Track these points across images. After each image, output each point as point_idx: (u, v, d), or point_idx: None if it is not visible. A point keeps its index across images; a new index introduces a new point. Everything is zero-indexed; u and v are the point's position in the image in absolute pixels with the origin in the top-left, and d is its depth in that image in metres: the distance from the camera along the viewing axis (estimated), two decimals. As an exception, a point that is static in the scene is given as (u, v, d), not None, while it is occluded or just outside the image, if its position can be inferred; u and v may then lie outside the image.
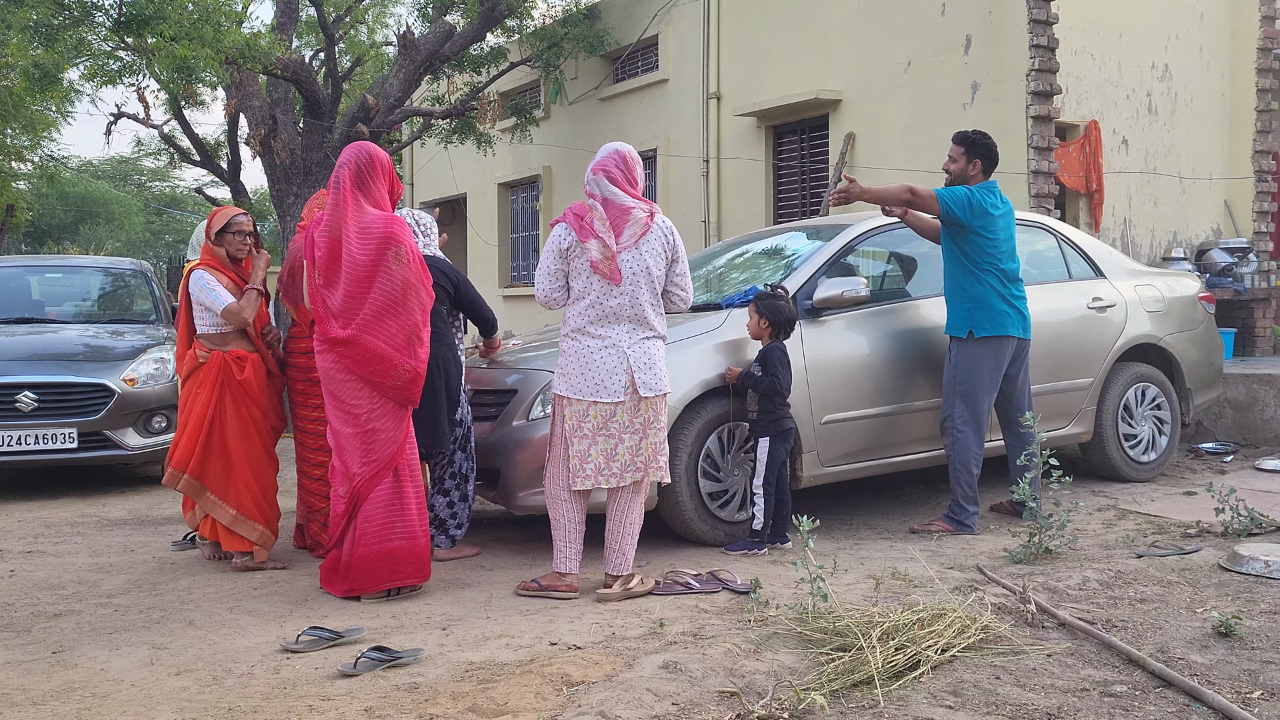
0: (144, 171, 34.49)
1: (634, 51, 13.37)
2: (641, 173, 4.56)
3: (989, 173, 5.60)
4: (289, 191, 11.56)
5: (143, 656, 3.73)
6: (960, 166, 5.59)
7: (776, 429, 5.08)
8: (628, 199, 4.40)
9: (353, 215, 4.42)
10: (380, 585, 4.41)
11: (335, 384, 4.45)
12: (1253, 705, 3.01)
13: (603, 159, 4.47)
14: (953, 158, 5.64)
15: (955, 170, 5.61)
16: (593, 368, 4.36)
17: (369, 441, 4.40)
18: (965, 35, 9.17)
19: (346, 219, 4.41)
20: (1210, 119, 10.07)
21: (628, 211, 4.38)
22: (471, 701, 3.17)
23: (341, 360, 4.41)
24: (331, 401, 4.50)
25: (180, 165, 19.15)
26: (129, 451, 7.34)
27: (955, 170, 5.61)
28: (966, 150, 5.58)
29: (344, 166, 4.51)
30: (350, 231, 4.40)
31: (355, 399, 4.41)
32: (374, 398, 4.40)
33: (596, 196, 4.41)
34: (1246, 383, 8.00)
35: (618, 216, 4.38)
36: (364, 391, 4.40)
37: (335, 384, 4.45)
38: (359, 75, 17.10)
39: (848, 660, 3.35)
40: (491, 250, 16.32)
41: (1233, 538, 5.05)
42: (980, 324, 5.44)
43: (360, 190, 4.47)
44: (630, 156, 4.50)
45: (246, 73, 10.90)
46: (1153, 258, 9.49)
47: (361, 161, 4.52)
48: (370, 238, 4.39)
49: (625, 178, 4.44)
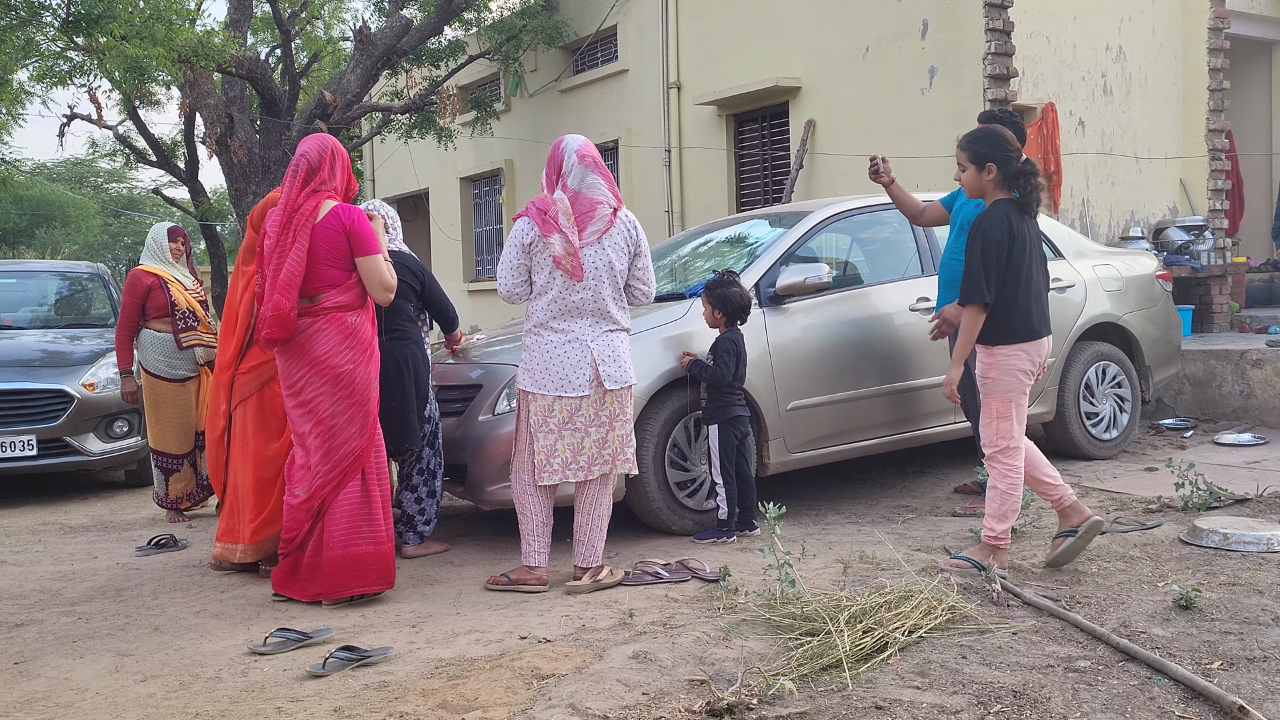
0: (100, 173, 33.95)
1: (593, 42, 13.33)
2: None
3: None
4: (247, 190, 11.45)
5: (107, 664, 3.69)
6: None
7: (724, 416, 5.10)
8: (602, 193, 4.38)
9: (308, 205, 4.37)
10: (345, 591, 4.32)
11: (292, 376, 4.38)
12: (1212, 675, 3.06)
13: (582, 148, 4.43)
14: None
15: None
16: (556, 362, 4.35)
17: (331, 440, 4.33)
18: (922, 20, 9.21)
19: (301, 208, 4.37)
20: (1164, 99, 10.18)
21: (595, 206, 4.36)
22: (441, 698, 3.17)
23: (287, 354, 4.37)
24: (289, 396, 4.42)
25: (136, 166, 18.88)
26: (90, 457, 7.25)
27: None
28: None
29: (303, 157, 4.44)
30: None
31: (312, 392, 4.34)
32: (332, 393, 4.32)
33: (568, 188, 4.37)
34: (1204, 359, 8.11)
35: (585, 211, 4.35)
36: (323, 388, 4.33)
37: (292, 376, 4.38)
38: (316, 71, 16.92)
39: (816, 645, 3.37)
40: (455, 245, 16.24)
41: (1192, 512, 5.13)
42: None
43: (311, 180, 4.41)
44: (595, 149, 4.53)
45: (201, 71, 10.76)
46: (1111, 237, 9.59)
47: (324, 153, 4.46)
48: (327, 229, 4.34)
49: (604, 168, 4.46)
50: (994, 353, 4.23)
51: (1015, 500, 4.24)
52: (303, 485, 4.37)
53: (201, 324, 6.37)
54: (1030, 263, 4.22)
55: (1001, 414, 4.21)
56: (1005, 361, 4.20)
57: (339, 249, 4.35)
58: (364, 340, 4.39)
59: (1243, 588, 3.90)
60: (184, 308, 6.31)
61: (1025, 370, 4.21)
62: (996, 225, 4.15)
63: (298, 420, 4.40)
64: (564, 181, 4.39)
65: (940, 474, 6.55)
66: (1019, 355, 4.20)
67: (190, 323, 6.31)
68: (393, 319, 5.04)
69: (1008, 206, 4.22)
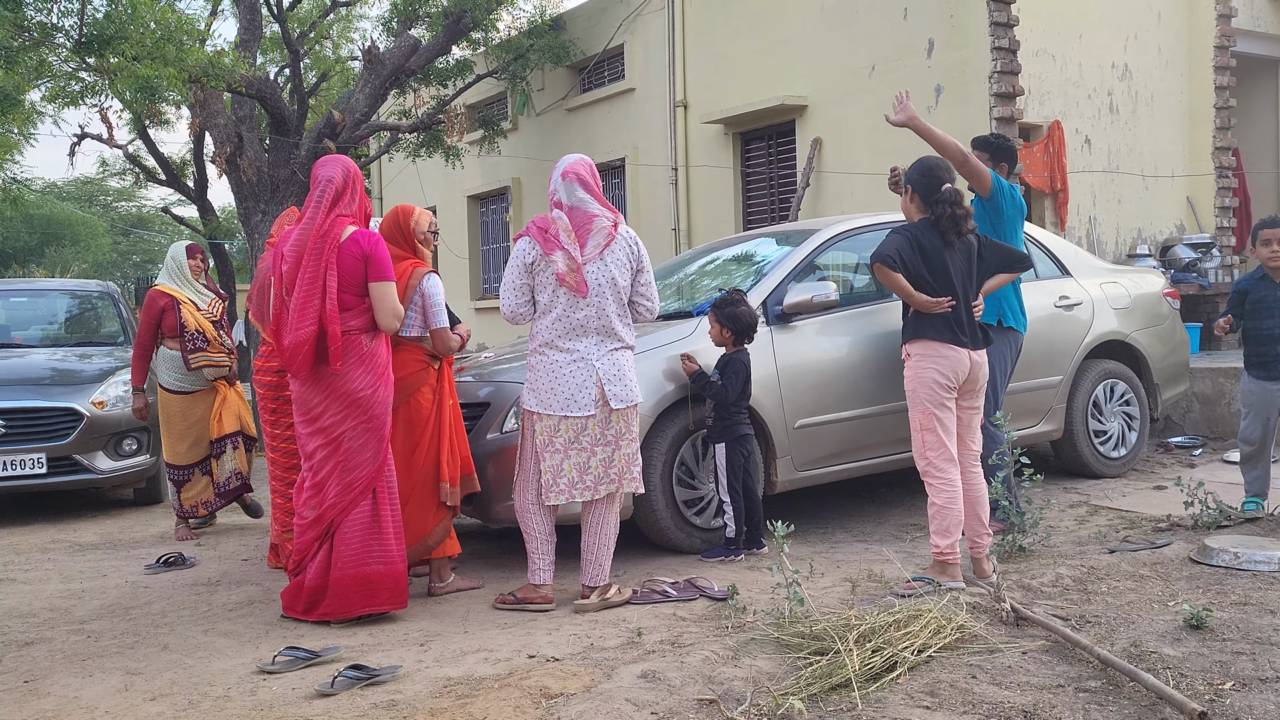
0: (109, 192, 34.12)
1: (600, 61, 13.40)
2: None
3: (1011, 173, 5.60)
4: (256, 209, 11.49)
5: (116, 683, 3.69)
6: None
7: (731, 435, 5.11)
8: (595, 206, 4.40)
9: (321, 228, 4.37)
10: (355, 611, 4.30)
11: (311, 405, 4.37)
12: (1224, 696, 3.05)
13: (573, 164, 4.45)
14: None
15: None
16: (562, 382, 4.35)
17: (345, 463, 4.31)
18: (928, 39, 9.25)
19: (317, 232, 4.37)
20: (1170, 117, 10.20)
21: (592, 219, 4.37)
22: (450, 717, 3.17)
23: (303, 379, 4.36)
24: (304, 422, 4.41)
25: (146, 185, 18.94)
26: (99, 475, 7.26)
27: None
28: (991, 155, 5.51)
29: (329, 182, 4.42)
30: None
31: (330, 418, 4.33)
32: (351, 416, 4.31)
33: (563, 205, 4.40)
34: (1213, 376, 8.09)
35: (582, 225, 4.37)
36: (340, 410, 4.31)
37: (311, 405, 4.37)
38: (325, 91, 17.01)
39: (825, 664, 3.36)
40: (462, 262, 16.29)
41: (1202, 530, 5.11)
42: (1006, 315, 5.43)
43: (336, 205, 4.42)
44: (593, 165, 4.53)
45: (211, 91, 10.82)
46: (1118, 255, 9.59)
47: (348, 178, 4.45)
48: (346, 254, 4.34)
49: (595, 184, 4.46)
50: (910, 354, 4.47)
51: (954, 514, 4.33)
52: (312, 506, 4.36)
53: (211, 345, 6.45)
54: (947, 279, 4.44)
55: (924, 426, 4.39)
56: (919, 370, 4.42)
57: (356, 274, 4.34)
58: (380, 364, 4.38)
59: (1254, 607, 3.89)
60: (193, 329, 6.39)
61: (939, 381, 4.38)
62: (888, 244, 4.49)
63: (308, 441, 4.39)
64: (558, 200, 4.42)
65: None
66: (929, 363, 4.39)
67: (199, 344, 6.40)
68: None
69: (917, 228, 4.52)
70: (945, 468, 4.36)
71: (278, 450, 5.29)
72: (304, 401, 4.39)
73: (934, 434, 4.37)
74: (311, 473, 4.39)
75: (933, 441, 4.37)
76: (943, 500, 4.35)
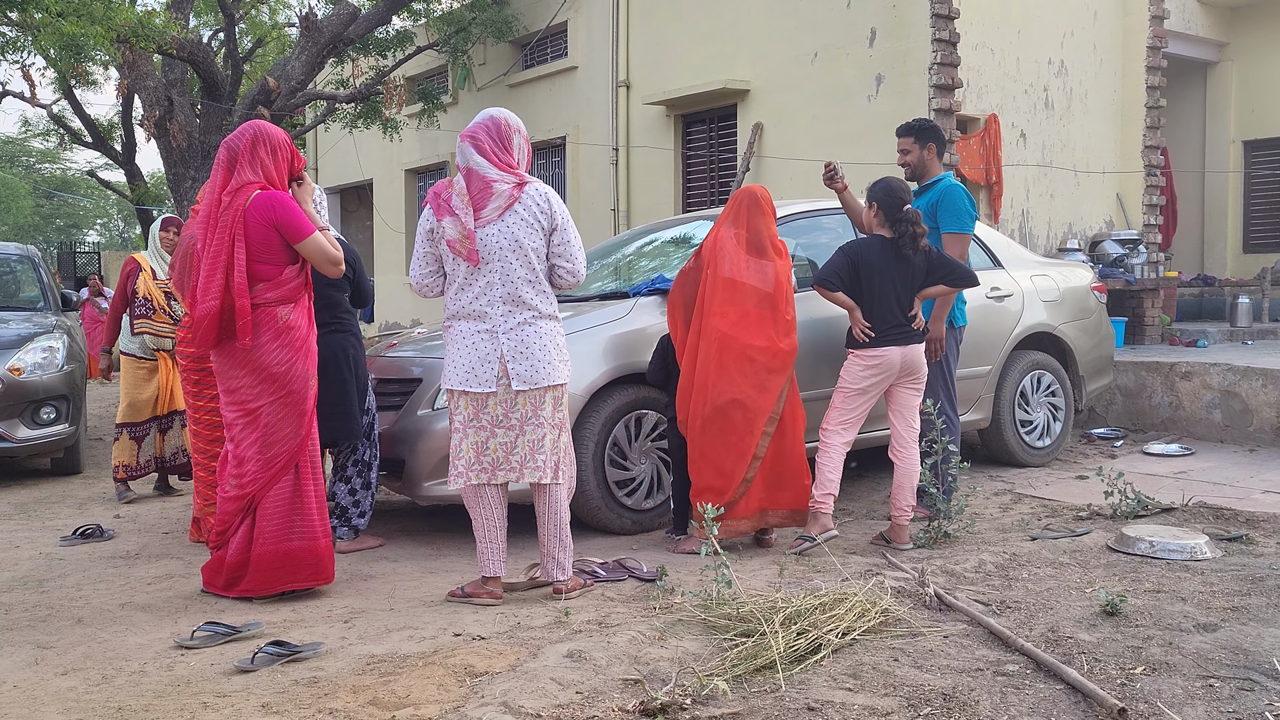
0: (32, 153, 33.10)
1: (543, 38, 13.28)
2: (521, 142, 4.20)
3: (942, 153, 5.64)
4: (186, 175, 11.21)
5: (26, 656, 3.59)
6: (915, 155, 5.53)
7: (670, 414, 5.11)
8: (493, 171, 4.06)
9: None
10: (277, 587, 4.22)
11: (228, 377, 4.27)
12: (1135, 680, 3.12)
13: (473, 126, 4.16)
14: (904, 150, 5.56)
15: (912, 160, 5.55)
16: (464, 354, 4.09)
17: (266, 437, 4.21)
18: (870, 28, 9.30)
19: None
20: (1103, 114, 10.39)
21: (490, 184, 4.06)
22: (373, 695, 3.12)
23: (221, 352, 4.26)
24: (226, 395, 4.30)
25: (71, 147, 18.42)
26: (15, 444, 7.04)
27: (912, 160, 5.55)
28: (916, 138, 5.52)
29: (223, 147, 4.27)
30: None
31: (247, 392, 4.23)
32: (268, 391, 4.20)
33: (461, 168, 4.13)
34: (1136, 370, 8.29)
35: (480, 190, 4.06)
36: (256, 384, 4.21)
37: (228, 377, 4.27)
38: (260, 57, 16.67)
39: (751, 646, 3.38)
40: (399, 237, 16.08)
41: (1121, 520, 5.23)
42: (956, 315, 5.55)
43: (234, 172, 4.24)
44: (506, 123, 4.15)
45: (140, 52, 10.52)
46: (1049, 249, 9.76)
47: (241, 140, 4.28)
48: (253, 223, 4.18)
49: (495, 146, 4.10)
50: (849, 354, 5.08)
51: (825, 473, 4.94)
52: (233, 480, 4.26)
53: (157, 314, 6.56)
54: (882, 289, 4.94)
55: (836, 404, 5.06)
56: (850, 365, 5.04)
57: (269, 242, 4.18)
58: (298, 336, 4.24)
59: (1167, 595, 3.99)
60: (143, 295, 6.54)
61: (862, 375, 4.98)
62: (827, 267, 5.05)
63: (228, 412, 4.29)
64: (458, 162, 4.16)
65: (878, 477, 6.62)
66: (860, 364, 4.99)
67: (144, 310, 6.54)
68: (329, 311, 4.95)
69: (862, 245, 5.04)
70: (833, 439, 5.00)
71: (200, 423, 5.20)
72: (222, 374, 4.30)
73: (836, 410, 5.03)
74: (233, 445, 4.29)
75: (833, 417, 5.03)
76: (822, 460, 4.98)
